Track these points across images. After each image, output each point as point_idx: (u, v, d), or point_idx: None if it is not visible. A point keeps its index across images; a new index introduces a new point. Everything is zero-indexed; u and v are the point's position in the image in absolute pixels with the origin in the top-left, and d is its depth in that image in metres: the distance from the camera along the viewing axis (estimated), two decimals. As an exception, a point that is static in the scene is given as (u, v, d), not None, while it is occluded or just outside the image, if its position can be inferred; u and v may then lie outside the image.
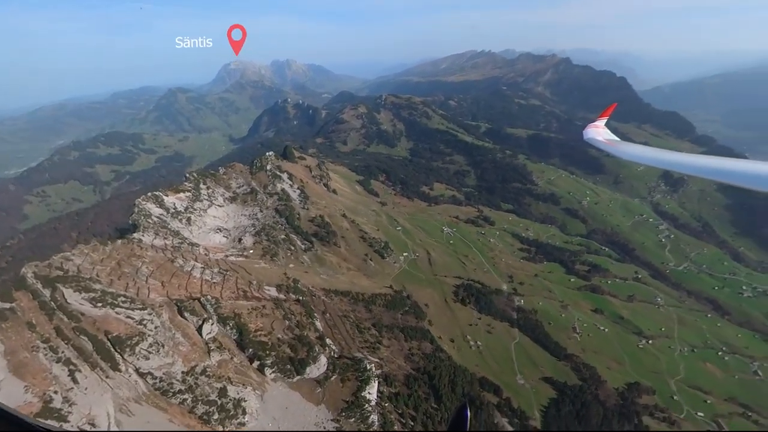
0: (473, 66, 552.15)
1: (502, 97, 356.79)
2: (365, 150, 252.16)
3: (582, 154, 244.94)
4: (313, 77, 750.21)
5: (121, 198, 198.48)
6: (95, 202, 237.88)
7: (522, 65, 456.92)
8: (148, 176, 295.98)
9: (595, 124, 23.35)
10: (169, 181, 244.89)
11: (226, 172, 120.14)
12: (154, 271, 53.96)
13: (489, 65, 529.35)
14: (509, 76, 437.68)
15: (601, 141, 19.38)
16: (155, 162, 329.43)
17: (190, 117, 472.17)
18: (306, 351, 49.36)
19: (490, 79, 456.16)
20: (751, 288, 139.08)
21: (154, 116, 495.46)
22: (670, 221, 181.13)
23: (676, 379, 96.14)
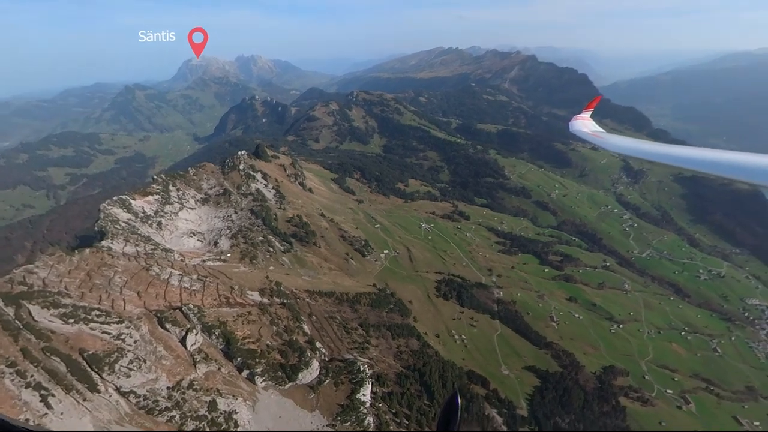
0: (442, 63, 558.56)
1: (471, 94, 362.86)
2: (338, 147, 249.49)
3: (549, 149, 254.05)
4: (280, 73, 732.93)
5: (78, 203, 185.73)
6: (50, 208, 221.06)
7: (489, 62, 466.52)
8: (107, 179, 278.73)
9: (581, 116, 23.51)
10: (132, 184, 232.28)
11: (196, 172, 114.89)
12: (128, 280, 50.44)
13: (457, 62, 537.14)
14: (477, 73, 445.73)
15: (587, 133, 19.44)
16: (114, 163, 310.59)
17: (150, 115, 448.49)
18: (297, 356, 47.82)
19: (458, 76, 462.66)
20: (706, 271, 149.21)
21: (110, 115, 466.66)
22: (632, 211, 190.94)
23: (646, 360, 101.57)
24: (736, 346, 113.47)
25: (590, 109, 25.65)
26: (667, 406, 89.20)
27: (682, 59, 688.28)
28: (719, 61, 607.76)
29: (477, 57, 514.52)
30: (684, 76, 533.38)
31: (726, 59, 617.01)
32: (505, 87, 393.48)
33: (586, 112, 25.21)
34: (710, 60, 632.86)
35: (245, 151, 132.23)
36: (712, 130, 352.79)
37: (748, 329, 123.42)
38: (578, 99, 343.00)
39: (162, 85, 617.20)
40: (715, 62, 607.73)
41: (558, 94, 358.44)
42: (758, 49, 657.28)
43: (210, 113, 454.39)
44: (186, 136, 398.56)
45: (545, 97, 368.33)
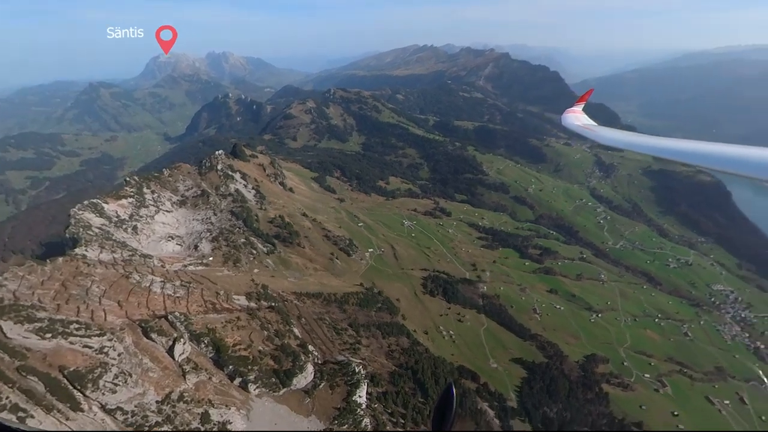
0: (417, 60, 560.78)
1: (448, 91, 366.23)
2: (316, 146, 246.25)
3: (525, 145, 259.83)
4: (253, 71, 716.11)
5: (42, 208, 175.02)
6: (10, 214, 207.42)
7: (464, 60, 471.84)
8: (72, 182, 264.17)
9: (573, 109, 23.66)
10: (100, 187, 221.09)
11: (171, 173, 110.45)
12: (107, 290, 47.69)
13: (432, 59, 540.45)
14: (452, 71, 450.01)
15: (579, 126, 19.49)
16: (80, 165, 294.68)
17: (116, 114, 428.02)
18: (291, 361, 46.65)
19: (434, 73, 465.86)
20: (675, 260, 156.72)
21: (73, 114, 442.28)
22: (605, 204, 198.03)
23: (625, 347, 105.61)
24: (705, 330, 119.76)
25: (582, 102, 25.82)
26: (646, 390, 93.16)
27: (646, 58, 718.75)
28: (681, 60, 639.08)
29: (452, 55, 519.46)
30: (649, 74, 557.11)
31: (687, 58, 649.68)
32: (480, 84, 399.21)
33: (578, 105, 25.34)
34: (673, 58, 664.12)
35: (222, 151, 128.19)
36: (677, 125, 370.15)
37: (715, 313, 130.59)
38: (551, 96, 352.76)
39: (128, 82, 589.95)
40: (678, 60, 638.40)
41: (531, 91, 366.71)
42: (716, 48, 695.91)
43: (181, 112, 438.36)
44: (156, 135, 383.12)
45: (519, 94, 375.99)
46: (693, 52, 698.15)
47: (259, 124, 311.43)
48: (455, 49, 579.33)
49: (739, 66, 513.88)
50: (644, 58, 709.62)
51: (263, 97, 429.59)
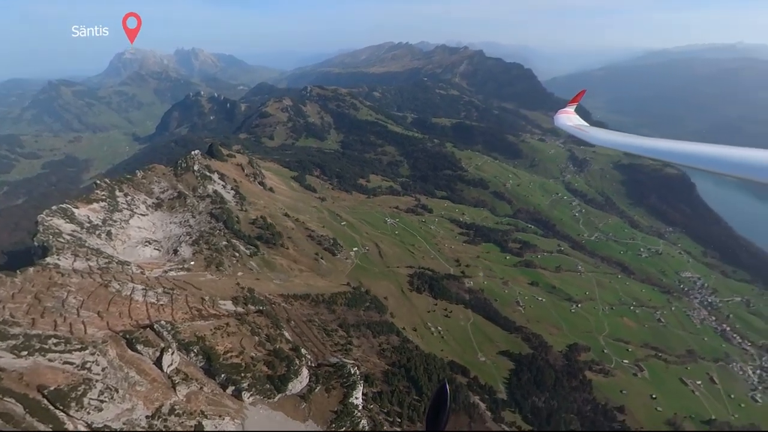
0: (393, 58, 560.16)
1: (424, 88, 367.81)
2: (294, 144, 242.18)
3: (502, 141, 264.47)
4: (225, 68, 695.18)
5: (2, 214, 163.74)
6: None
7: (439, 57, 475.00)
8: (34, 186, 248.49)
9: (565, 110, 23.92)
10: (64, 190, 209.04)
11: (145, 175, 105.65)
12: (85, 300, 44.86)
13: (408, 57, 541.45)
14: (428, 68, 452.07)
15: (571, 127, 19.66)
16: (41, 168, 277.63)
17: (79, 114, 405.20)
18: (285, 366, 45.44)
19: (410, 71, 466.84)
20: (646, 249, 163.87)
21: (32, 114, 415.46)
22: (580, 197, 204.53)
23: (604, 335, 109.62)
24: (676, 316, 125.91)
25: (574, 103, 26.09)
26: (625, 375, 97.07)
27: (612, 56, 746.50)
28: (644, 58, 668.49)
29: (427, 52, 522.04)
30: (615, 72, 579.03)
31: (649, 56, 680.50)
32: (456, 81, 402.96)
33: (571, 106, 25.60)
34: (636, 57, 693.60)
35: (198, 151, 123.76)
36: (643, 122, 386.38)
37: (684, 299, 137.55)
38: (525, 93, 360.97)
39: (91, 80, 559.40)
40: (641, 59, 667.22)
41: (506, 88, 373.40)
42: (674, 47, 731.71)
43: (150, 111, 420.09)
44: (124, 136, 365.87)
45: (494, 91, 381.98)
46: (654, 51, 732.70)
47: (233, 123, 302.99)
48: (430, 46, 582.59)
49: (696, 64, 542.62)
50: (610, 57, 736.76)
51: (236, 95, 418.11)
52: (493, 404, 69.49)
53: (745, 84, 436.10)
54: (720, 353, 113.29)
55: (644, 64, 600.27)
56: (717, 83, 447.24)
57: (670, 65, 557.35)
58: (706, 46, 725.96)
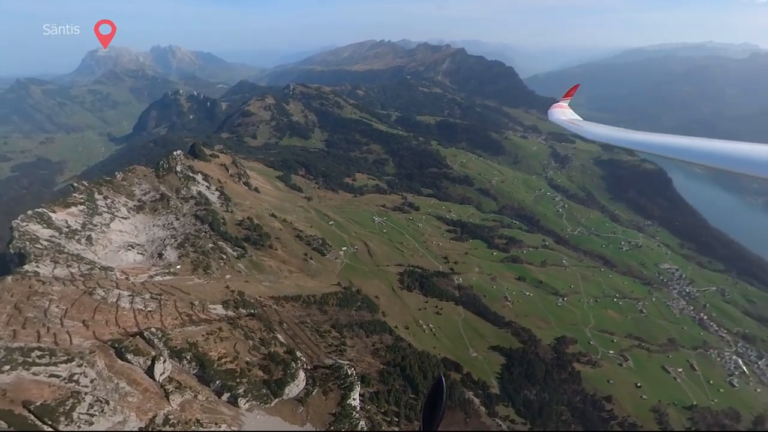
0: (375, 55, 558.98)
1: (408, 86, 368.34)
2: (278, 144, 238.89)
3: (485, 138, 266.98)
4: (203, 66, 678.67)
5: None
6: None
7: (421, 55, 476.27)
8: (3, 190, 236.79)
9: (559, 104, 24.11)
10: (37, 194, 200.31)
11: (125, 177, 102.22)
12: (68, 309, 42.92)
13: (390, 55, 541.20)
14: (411, 66, 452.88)
15: (565, 121, 19.79)
16: (11, 171, 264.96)
17: (51, 114, 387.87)
18: (282, 370, 44.64)
19: (393, 69, 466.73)
20: (627, 242, 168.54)
21: None
22: (562, 193, 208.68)
23: (589, 327, 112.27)
24: (657, 306, 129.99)
25: (568, 97, 26.29)
26: (611, 365, 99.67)
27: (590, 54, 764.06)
28: (621, 56, 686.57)
29: (410, 50, 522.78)
30: (593, 70, 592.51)
31: (626, 54, 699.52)
32: (439, 79, 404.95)
33: (564, 100, 25.78)
34: (613, 55, 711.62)
35: (181, 151, 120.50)
36: (621, 118, 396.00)
37: (664, 290, 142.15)
38: (507, 90, 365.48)
39: (63, 79, 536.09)
40: (617, 57, 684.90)
41: (488, 86, 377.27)
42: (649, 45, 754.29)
43: (126, 110, 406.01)
44: (99, 136, 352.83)
45: (476, 88, 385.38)
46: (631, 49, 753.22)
47: (214, 122, 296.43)
48: (412, 44, 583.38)
49: (670, 62, 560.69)
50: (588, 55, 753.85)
51: (216, 93, 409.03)
52: (486, 399, 70.28)
53: (716, 81, 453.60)
54: (699, 341, 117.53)
55: (621, 62, 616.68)
56: (690, 81, 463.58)
57: (646, 63, 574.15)
58: (679, 45, 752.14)
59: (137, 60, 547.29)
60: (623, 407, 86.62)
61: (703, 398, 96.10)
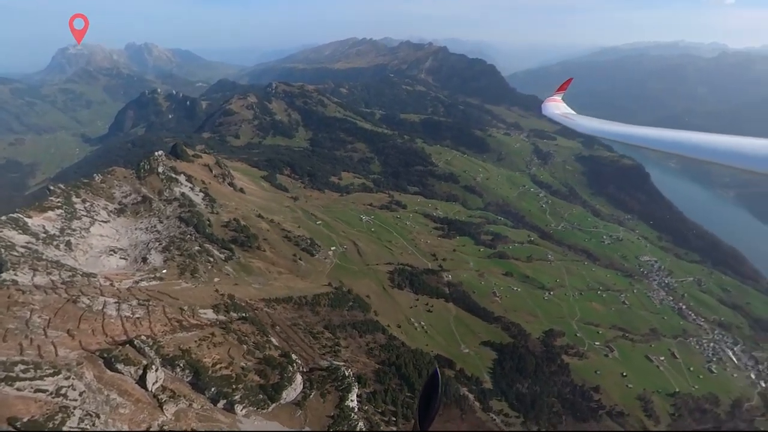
0: (357, 53, 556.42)
1: (391, 84, 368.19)
2: (261, 143, 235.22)
3: (469, 136, 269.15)
4: (181, 64, 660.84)
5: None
6: None
7: (404, 53, 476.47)
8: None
9: (553, 98, 24.32)
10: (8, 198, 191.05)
11: (104, 179, 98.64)
12: (51, 319, 40.95)
13: (372, 53, 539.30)
14: (393, 64, 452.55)
15: (559, 115, 19.96)
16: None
17: (20, 114, 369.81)
18: (278, 374, 43.83)
19: (376, 67, 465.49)
20: (608, 236, 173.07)
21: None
22: (545, 189, 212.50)
23: (576, 320, 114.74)
24: (638, 297, 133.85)
25: (562, 91, 26.50)
26: (597, 356, 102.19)
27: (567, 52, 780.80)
28: (597, 55, 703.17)
29: (392, 48, 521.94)
30: (571, 67, 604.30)
31: (602, 53, 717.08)
32: (422, 77, 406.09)
33: (558, 94, 25.99)
34: (590, 53, 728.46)
35: (162, 152, 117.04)
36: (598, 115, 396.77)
37: (645, 282, 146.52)
38: (489, 88, 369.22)
39: (32, 77, 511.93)
40: (594, 55, 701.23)
41: (470, 83, 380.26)
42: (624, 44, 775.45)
43: (100, 110, 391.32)
44: (72, 137, 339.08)
45: (459, 86, 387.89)
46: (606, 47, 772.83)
47: (194, 122, 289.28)
48: (393, 42, 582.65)
49: (644, 61, 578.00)
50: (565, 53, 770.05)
51: (196, 92, 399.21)
52: (480, 394, 71.05)
53: (688, 79, 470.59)
54: (678, 330, 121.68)
55: (598, 61, 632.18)
56: (663, 78, 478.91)
57: (621, 62, 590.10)
58: (652, 44, 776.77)
59: (111, 58, 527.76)
60: (611, 396, 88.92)
61: (685, 385, 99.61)
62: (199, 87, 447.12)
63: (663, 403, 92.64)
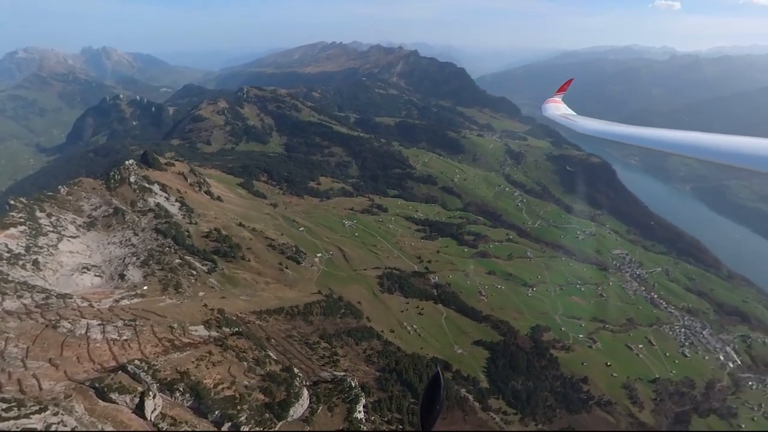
0: (328, 57, 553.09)
1: (364, 88, 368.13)
2: (234, 149, 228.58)
3: (444, 138, 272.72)
4: (143, 68, 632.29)
5: None
6: None
7: (375, 57, 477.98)
8: None
9: (553, 99, 24.64)
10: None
11: (70, 191, 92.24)
12: (30, 347, 37.21)
13: (343, 57, 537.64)
14: (365, 68, 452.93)
15: (559, 116, 20.26)
16: None
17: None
18: (285, 390, 41.88)
19: (347, 71, 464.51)
20: (582, 232, 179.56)
21: None
22: (520, 188, 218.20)
23: (559, 314, 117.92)
24: (614, 289, 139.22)
25: (562, 92, 26.78)
26: (582, 348, 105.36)
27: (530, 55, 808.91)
28: (558, 58, 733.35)
29: (362, 52, 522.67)
30: (534, 71, 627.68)
31: (563, 56, 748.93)
32: (394, 81, 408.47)
33: (558, 95, 26.25)
34: (551, 57, 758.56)
35: (133, 160, 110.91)
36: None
37: (618, 274, 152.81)
38: (460, 91, 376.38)
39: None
40: (555, 59, 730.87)
41: (442, 86, 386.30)
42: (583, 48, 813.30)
43: (56, 118, 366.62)
44: (26, 147, 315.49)
45: (431, 89, 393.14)
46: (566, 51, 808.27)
47: (161, 129, 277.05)
48: (363, 46, 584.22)
49: (602, 64, 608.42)
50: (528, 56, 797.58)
51: (161, 97, 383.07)
52: (478, 394, 71.32)
53: (643, 81, 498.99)
54: (652, 318, 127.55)
55: (559, 64, 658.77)
56: (621, 81, 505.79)
57: (581, 65, 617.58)
58: (609, 48, 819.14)
59: (66, 63, 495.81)
60: (598, 387, 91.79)
61: (663, 370, 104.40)
62: (164, 92, 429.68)
63: (646, 390, 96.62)
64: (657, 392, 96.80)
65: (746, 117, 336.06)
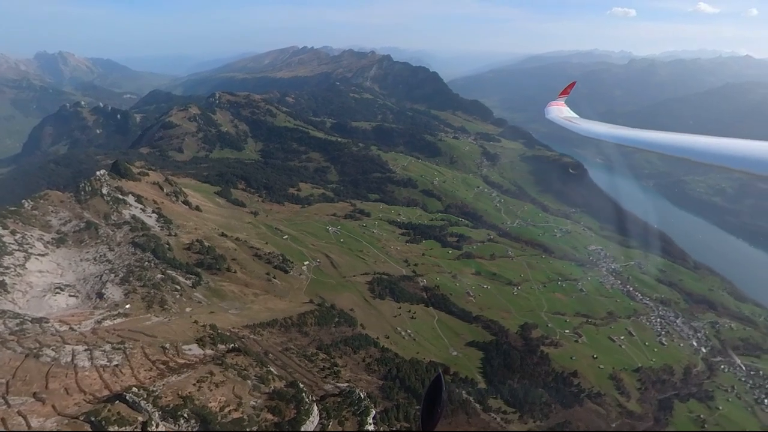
0: (299, 62, 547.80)
1: (338, 93, 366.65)
2: (208, 156, 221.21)
3: (421, 141, 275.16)
4: (104, 74, 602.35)
5: None
6: None
7: (347, 62, 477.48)
8: None
9: (556, 102, 25.03)
10: None
11: (36, 205, 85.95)
12: (10, 381, 33.75)
13: (315, 61, 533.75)
14: (338, 72, 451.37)
15: (561, 119, 20.57)
16: None
17: None
18: (294, 407, 40.11)
19: (319, 75, 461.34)
20: (558, 230, 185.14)
21: None
22: (497, 189, 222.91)
23: (544, 311, 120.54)
24: (593, 284, 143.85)
25: (565, 95, 27.19)
26: (569, 343, 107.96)
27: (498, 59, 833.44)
28: (524, 62, 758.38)
29: (335, 57, 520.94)
30: (502, 74, 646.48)
31: (528, 61, 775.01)
32: (368, 85, 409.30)
33: (561, 98, 26.63)
34: (518, 61, 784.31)
35: (105, 171, 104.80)
36: (531, 117, 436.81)
37: (595, 269, 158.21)
38: (433, 94, 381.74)
39: None
40: (522, 63, 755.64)
41: (416, 90, 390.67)
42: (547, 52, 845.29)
43: (9, 126, 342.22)
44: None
45: (405, 93, 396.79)
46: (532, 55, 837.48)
47: (128, 137, 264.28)
48: (334, 51, 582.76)
49: (567, 67, 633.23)
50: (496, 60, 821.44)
51: (125, 104, 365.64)
52: (478, 395, 71.37)
53: (605, 84, 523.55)
54: (630, 310, 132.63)
55: (526, 67, 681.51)
56: (584, 84, 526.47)
57: (546, 68, 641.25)
58: (573, 52, 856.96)
59: (18, 68, 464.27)
60: (587, 379, 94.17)
61: (644, 359, 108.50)
62: (128, 99, 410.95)
63: (630, 379, 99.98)
64: (641, 381, 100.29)
65: (698, 117, 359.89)
